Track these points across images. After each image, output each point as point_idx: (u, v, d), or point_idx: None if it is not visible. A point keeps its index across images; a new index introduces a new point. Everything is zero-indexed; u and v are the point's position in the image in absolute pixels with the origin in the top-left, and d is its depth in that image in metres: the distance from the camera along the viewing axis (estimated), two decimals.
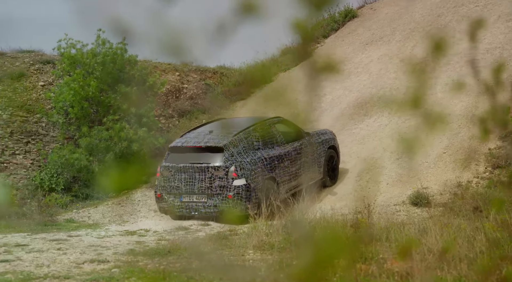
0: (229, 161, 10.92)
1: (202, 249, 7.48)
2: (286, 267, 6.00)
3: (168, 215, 11.62)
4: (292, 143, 12.13)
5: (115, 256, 7.33)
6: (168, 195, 11.14)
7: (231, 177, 10.87)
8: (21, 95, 17.25)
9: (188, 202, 11.03)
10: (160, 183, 11.22)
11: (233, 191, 10.83)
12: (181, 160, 11.13)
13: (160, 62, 19.55)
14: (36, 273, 6.16)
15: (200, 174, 10.94)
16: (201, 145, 11.17)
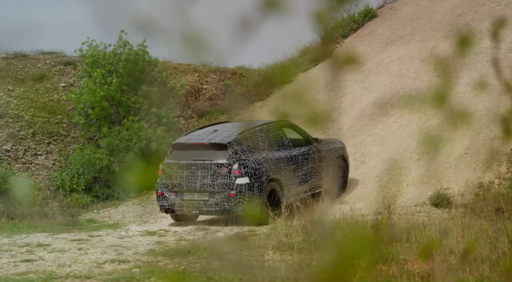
0: (233, 158, 10.69)
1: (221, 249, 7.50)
2: (305, 267, 5.99)
3: (169, 215, 11.41)
4: (299, 148, 11.90)
5: (136, 256, 7.37)
6: (169, 193, 10.88)
7: (234, 175, 10.62)
8: (42, 96, 17.43)
9: (189, 200, 10.76)
10: (162, 181, 10.94)
11: (235, 189, 10.59)
12: (184, 157, 10.88)
13: (179, 63, 19.63)
14: (58, 273, 6.22)
15: (203, 171, 10.68)
16: (205, 142, 10.95)
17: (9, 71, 17.85)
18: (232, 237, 8.89)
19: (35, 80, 17.74)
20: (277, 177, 11.17)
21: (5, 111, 16.71)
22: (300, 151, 11.82)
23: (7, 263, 6.85)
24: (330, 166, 12.32)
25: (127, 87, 15.69)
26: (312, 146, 12.12)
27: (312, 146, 12.12)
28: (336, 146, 12.62)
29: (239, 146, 10.85)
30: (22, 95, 17.31)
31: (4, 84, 17.51)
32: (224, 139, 10.89)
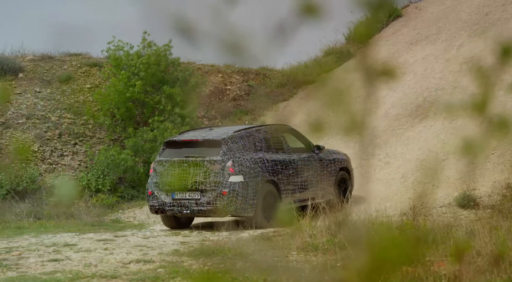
0: (227, 155, 10.19)
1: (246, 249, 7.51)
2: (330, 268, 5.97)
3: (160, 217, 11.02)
4: (300, 153, 11.45)
5: (160, 256, 7.41)
6: (159, 192, 10.39)
7: (227, 173, 10.11)
8: (68, 97, 17.63)
9: (180, 199, 10.23)
10: (152, 179, 10.50)
11: (228, 187, 10.05)
12: (176, 154, 10.43)
13: (203, 64, 19.71)
14: (84, 272, 6.28)
15: (195, 168, 10.16)
16: (198, 138, 10.53)
17: (36, 73, 18.09)
18: (256, 237, 8.89)
19: (61, 82, 17.95)
20: (274, 179, 10.70)
21: (32, 112, 16.93)
22: (301, 156, 11.39)
23: (35, 262, 6.95)
24: (332, 176, 11.84)
25: (151, 88, 15.81)
26: (313, 153, 11.68)
27: (313, 154, 11.67)
28: (340, 157, 12.17)
29: (234, 143, 10.40)
30: (48, 97, 17.53)
31: (31, 86, 17.74)
32: (219, 136, 10.46)
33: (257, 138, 10.84)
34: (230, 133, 10.56)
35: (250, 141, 10.66)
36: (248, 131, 10.83)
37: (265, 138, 10.96)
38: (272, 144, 11.06)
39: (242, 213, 10.18)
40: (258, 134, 10.91)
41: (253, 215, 10.22)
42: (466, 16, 17.47)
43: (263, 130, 11.14)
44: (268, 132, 11.13)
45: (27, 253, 7.62)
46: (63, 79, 18.03)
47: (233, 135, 10.50)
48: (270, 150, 10.92)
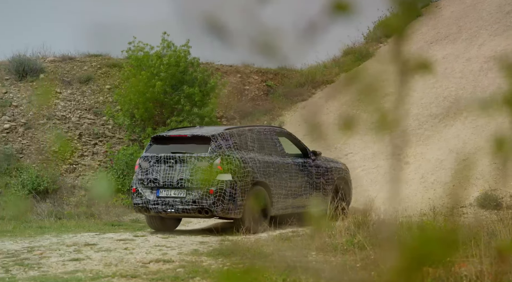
0: (215, 152, 9.72)
1: (265, 249, 7.51)
2: (349, 269, 5.95)
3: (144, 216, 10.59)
4: (294, 157, 10.98)
5: (180, 256, 7.44)
6: (144, 189, 9.91)
7: (215, 170, 9.69)
8: (88, 98, 17.77)
9: (165, 197, 9.76)
10: (137, 176, 10.03)
11: (216, 185, 9.57)
12: (163, 150, 9.98)
13: (221, 64, 19.76)
14: (104, 272, 6.33)
15: (181, 165, 9.71)
16: (187, 134, 10.11)
17: (56, 74, 18.26)
18: (275, 237, 8.88)
19: (81, 83, 18.10)
20: (265, 181, 10.17)
21: (53, 113, 17.10)
22: (295, 160, 10.92)
23: (56, 262, 7.01)
24: (329, 185, 11.32)
25: (170, 89, 15.89)
26: (309, 159, 11.18)
27: (309, 159, 11.19)
28: (338, 166, 11.72)
29: (224, 141, 9.92)
30: (69, 97, 17.69)
31: (52, 87, 17.91)
32: (208, 132, 10.02)
33: (250, 137, 10.38)
34: (220, 130, 10.18)
35: (241, 139, 10.20)
36: (240, 129, 10.41)
37: (258, 138, 10.50)
38: (266, 145, 10.58)
39: (229, 214, 9.70)
40: (251, 134, 10.46)
41: (241, 217, 9.76)
42: (487, 15, 17.30)
43: (257, 130, 10.68)
44: (262, 133, 10.67)
45: (49, 252, 7.70)
46: (83, 80, 18.18)
47: (224, 132, 10.07)
48: (263, 151, 10.44)
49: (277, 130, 11.33)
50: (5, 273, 6.37)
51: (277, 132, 11.07)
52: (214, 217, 9.93)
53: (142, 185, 9.93)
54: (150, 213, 9.97)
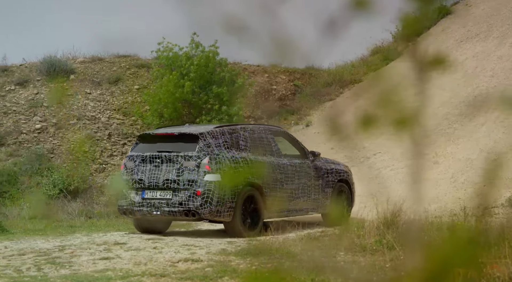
0: (204, 151, 9.16)
1: (293, 249, 7.50)
2: (378, 269, 5.91)
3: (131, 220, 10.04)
4: (291, 158, 10.35)
5: (208, 255, 7.47)
6: (129, 190, 9.39)
7: (203, 170, 9.07)
8: (118, 98, 17.96)
9: (150, 199, 9.23)
10: (122, 177, 9.56)
11: (203, 186, 9.00)
12: (149, 149, 9.46)
13: (249, 64, 19.80)
14: (134, 271, 6.39)
15: (168, 165, 9.19)
16: (174, 132, 9.61)
17: (86, 75, 18.48)
18: (303, 237, 8.86)
19: (110, 83, 18.30)
20: (258, 182, 9.54)
21: (83, 113, 17.31)
22: (292, 161, 10.29)
23: (87, 260, 7.10)
24: (329, 188, 10.72)
25: (198, 89, 15.98)
26: (307, 160, 10.56)
27: (308, 160, 10.57)
28: (339, 168, 11.05)
29: (213, 139, 9.34)
30: (98, 98, 17.89)
31: (82, 87, 18.14)
32: (196, 130, 9.47)
33: (242, 136, 9.76)
34: (210, 128, 9.62)
35: (233, 138, 9.61)
36: (231, 128, 9.85)
37: (251, 137, 9.88)
38: (260, 144, 9.97)
39: (218, 217, 9.14)
40: (244, 132, 9.84)
41: (231, 220, 9.21)
42: None
43: (250, 129, 10.07)
44: (256, 132, 10.05)
45: (79, 251, 7.80)
46: (112, 81, 18.38)
47: (213, 130, 9.50)
48: (256, 151, 9.84)
49: (273, 129, 10.68)
50: (37, 271, 6.47)
51: (273, 132, 10.44)
52: (202, 220, 9.42)
53: (127, 186, 9.41)
54: (135, 216, 9.45)
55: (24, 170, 15.67)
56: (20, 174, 15.54)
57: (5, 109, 17.47)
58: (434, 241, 5.62)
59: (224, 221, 9.28)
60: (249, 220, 9.41)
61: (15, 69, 18.76)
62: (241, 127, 10.00)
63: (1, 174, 15.39)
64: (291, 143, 10.73)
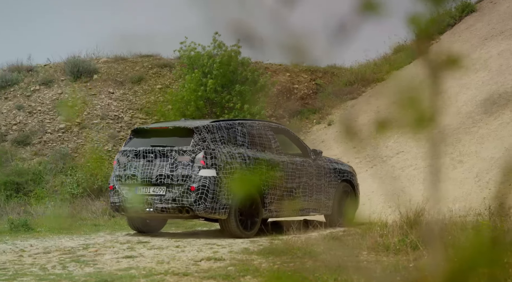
0: (199, 146, 8.84)
1: (315, 249, 7.48)
2: (402, 269, 5.87)
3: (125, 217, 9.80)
4: (292, 156, 10.03)
5: (230, 254, 7.49)
6: (122, 186, 9.10)
7: (198, 165, 8.75)
8: (140, 98, 18.08)
9: (143, 195, 8.91)
10: (115, 172, 9.24)
11: (198, 182, 8.67)
12: (143, 143, 9.16)
13: (271, 63, 19.79)
14: (157, 269, 6.43)
15: (161, 159, 8.88)
16: (168, 126, 9.37)
17: (109, 75, 18.64)
18: (326, 236, 8.83)
19: (133, 83, 18.43)
20: None
21: (106, 113, 17.46)
22: (293, 159, 9.95)
23: (110, 259, 7.16)
24: (332, 188, 10.38)
25: (220, 88, 16.03)
26: (309, 159, 10.22)
27: (309, 159, 10.23)
28: (342, 168, 10.72)
29: (209, 133, 9.03)
30: (121, 97, 18.03)
31: (105, 87, 18.29)
32: (191, 124, 9.19)
33: (240, 132, 9.44)
34: (205, 122, 9.32)
35: (230, 133, 9.30)
36: (228, 123, 9.52)
37: (249, 133, 9.54)
38: (258, 141, 9.62)
39: (213, 214, 8.81)
40: (242, 128, 9.51)
41: (226, 218, 8.90)
42: None
43: (249, 124, 9.71)
44: (255, 128, 9.71)
45: (103, 249, 7.87)
46: (135, 80, 18.51)
47: (209, 125, 9.18)
48: (254, 147, 9.49)
49: (273, 126, 10.26)
50: (62, 269, 6.55)
51: (273, 128, 10.07)
52: (197, 217, 9.17)
53: (120, 182, 9.12)
54: (128, 213, 9.20)
55: (49, 169, 15.86)
56: (44, 173, 15.73)
57: (30, 109, 17.70)
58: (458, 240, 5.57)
59: (219, 218, 8.97)
60: (246, 219, 9.11)
61: (40, 69, 18.99)
62: (239, 122, 9.66)
63: (27, 173, 15.60)
64: (292, 140, 10.42)
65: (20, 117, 17.45)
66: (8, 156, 16.35)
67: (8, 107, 17.71)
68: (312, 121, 18.37)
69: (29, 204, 14.09)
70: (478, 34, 17.53)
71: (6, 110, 17.63)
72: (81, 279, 5.93)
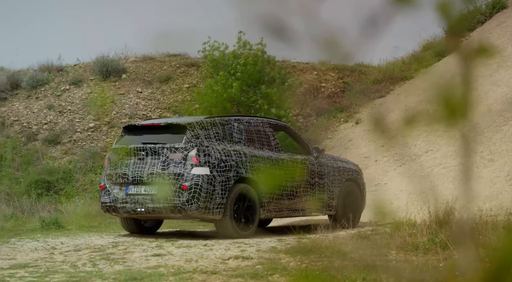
0: (192, 143, 8.54)
1: (343, 248, 7.44)
2: (432, 269, 5.82)
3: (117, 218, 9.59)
4: (292, 154, 9.79)
5: (258, 253, 7.50)
6: (112, 185, 8.81)
7: (190, 163, 8.44)
8: (168, 97, 18.20)
9: (134, 195, 8.62)
10: (106, 171, 8.95)
11: (190, 180, 8.36)
12: (134, 141, 8.89)
13: (298, 62, 19.75)
14: (185, 268, 6.46)
15: (153, 157, 8.55)
16: (160, 122, 9.04)
17: (138, 74, 18.79)
18: (354, 235, 8.79)
19: (161, 82, 18.56)
20: (252, 177, 8.87)
21: (134, 112, 17.61)
22: (293, 157, 9.68)
23: (139, 257, 7.23)
24: (335, 187, 10.04)
25: (247, 88, 16.01)
26: (311, 157, 9.89)
27: (311, 157, 9.90)
28: (347, 166, 10.37)
29: (203, 130, 8.72)
30: (149, 97, 18.16)
31: (134, 86, 18.45)
32: (184, 121, 8.89)
33: (236, 128, 9.12)
34: (199, 119, 9.04)
35: (225, 130, 8.98)
36: (224, 119, 9.20)
37: (247, 130, 9.23)
38: (256, 138, 9.30)
39: (206, 215, 8.50)
40: (238, 124, 9.19)
41: (221, 218, 8.62)
42: None
43: (246, 121, 9.38)
44: (252, 125, 9.37)
45: (132, 248, 7.95)
46: (163, 80, 18.63)
47: (203, 121, 8.88)
48: (252, 144, 9.18)
49: (273, 122, 9.95)
50: (92, 267, 6.63)
51: (272, 125, 9.77)
52: (191, 218, 8.96)
53: (111, 180, 8.82)
54: (118, 214, 8.90)
55: (79, 168, 16.06)
56: (74, 172, 15.93)
57: (61, 108, 17.95)
58: (489, 240, 5.49)
59: (213, 218, 8.68)
60: (243, 219, 8.82)
61: (70, 69, 19.24)
62: (236, 118, 9.34)
63: (57, 172, 15.82)
64: (293, 137, 10.18)
65: (51, 116, 17.71)
66: (39, 155, 16.60)
67: (39, 106, 17.99)
68: (339, 120, 18.29)
69: (60, 202, 14.29)
70: (510, 31, 17.25)
71: (37, 110, 17.91)
72: (111, 277, 5.99)
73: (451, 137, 13.25)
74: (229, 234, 8.70)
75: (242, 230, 8.82)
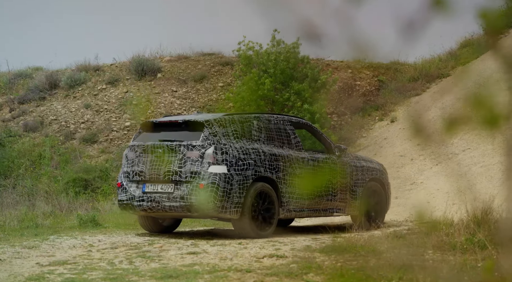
0: (209, 140, 8.39)
1: (379, 247, 7.39)
2: (470, 269, 5.73)
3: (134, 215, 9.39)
4: (313, 152, 9.62)
5: (293, 251, 7.49)
6: (129, 183, 8.72)
7: (207, 161, 8.31)
8: (202, 96, 18.31)
9: (151, 193, 8.52)
10: (123, 169, 8.87)
11: (207, 179, 8.24)
12: (151, 138, 8.73)
13: (332, 60, 19.66)
14: (220, 266, 6.49)
15: (170, 155, 8.41)
16: (178, 119, 8.88)
17: (173, 73, 18.95)
18: (389, 235, 8.71)
19: (196, 81, 18.68)
20: (272, 177, 8.72)
21: (169, 111, 17.76)
22: (314, 156, 9.47)
23: (175, 255, 7.29)
24: (358, 187, 9.79)
25: (280, 85, 16.01)
26: (333, 156, 9.70)
27: (333, 156, 9.71)
28: (371, 166, 10.11)
29: (221, 128, 8.56)
30: (184, 96, 18.30)
31: (169, 85, 18.62)
32: (203, 118, 8.73)
33: (255, 126, 8.95)
34: (218, 116, 8.86)
35: (244, 127, 8.82)
36: (243, 116, 9.06)
37: (266, 128, 9.05)
38: (276, 136, 9.12)
39: (223, 214, 8.38)
40: (258, 122, 9.02)
41: (239, 218, 8.47)
42: None
43: (266, 118, 9.20)
44: (272, 122, 9.20)
45: (168, 245, 8.02)
46: (198, 78, 18.75)
47: (221, 118, 8.73)
48: (271, 142, 9.00)
49: (294, 120, 9.69)
50: (129, 264, 6.71)
51: (293, 123, 9.53)
52: (208, 217, 8.87)
53: (128, 178, 8.72)
54: (135, 212, 8.81)
55: (115, 166, 16.27)
56: (111, 170, 16.15)
57: (97, 107, 18.22)
58: None
59: (231, 218, 8.55)
60: (261, 219, 8.66)
61: (106, 68, 19.52)
62: (255, 116, 9.18)
63: (94, 170, 16.06)
64: (315, 136, 10.01)
65: (88, 115, 17.99)
66: (76, 154, 16.88)
67: (76, 106, 18.29)
68: (374, 118, 18.15)
69: (97, 200, 14.50)
70: None
71: (75, 109, 18.21)
72: (147, 274, 6.06)
73: (488, 136, 13.02)
74: (247, 233, 8.56)
75: (261, 229, 8.68)
